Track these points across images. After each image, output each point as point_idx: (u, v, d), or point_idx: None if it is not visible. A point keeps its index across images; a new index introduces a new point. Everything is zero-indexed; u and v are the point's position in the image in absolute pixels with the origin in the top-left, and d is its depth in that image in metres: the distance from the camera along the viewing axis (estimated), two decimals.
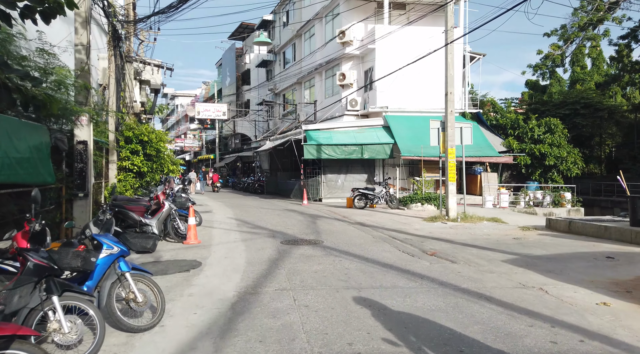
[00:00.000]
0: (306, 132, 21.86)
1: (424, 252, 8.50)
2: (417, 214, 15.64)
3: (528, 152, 21.26)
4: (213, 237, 10.63)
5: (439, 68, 23.12)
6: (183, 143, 60.85)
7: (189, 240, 9.67)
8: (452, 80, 13.09)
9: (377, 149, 21.32)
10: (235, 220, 14.31)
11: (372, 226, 12.38)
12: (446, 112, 13.24)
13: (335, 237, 10.38)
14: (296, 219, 14.19)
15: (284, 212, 16.51)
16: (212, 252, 8.61)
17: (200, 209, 17.99)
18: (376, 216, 15.16)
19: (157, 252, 8.75)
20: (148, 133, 12.75)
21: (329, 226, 12.36)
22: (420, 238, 10.29)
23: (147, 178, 13.01)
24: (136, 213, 9.63)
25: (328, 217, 14.87)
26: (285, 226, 12.40)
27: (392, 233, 11.13)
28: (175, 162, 14.39)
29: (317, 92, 28.36)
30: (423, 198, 17.35)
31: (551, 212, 18.60)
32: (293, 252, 8.47)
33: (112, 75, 12.19)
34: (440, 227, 12.11)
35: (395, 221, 13.63)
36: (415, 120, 22.60)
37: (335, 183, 22.51)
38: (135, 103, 15.07)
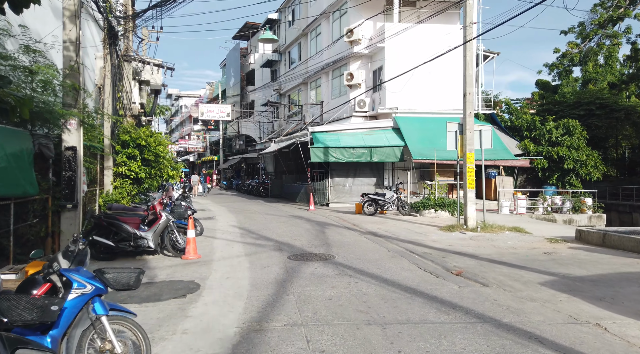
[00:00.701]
0: (312, 134, 21.02)
1: (448, 271, 7.62)
2: (431, 222, 14.75)
3: (545, 155, 20.31)
4: (214, 250, 9.80)
5: (451, 67, 22.27)
6: (187, 144, 60.18)
7: (188, 255, 8.84)
8: (470, 79, 12.21)
9: (386, 152, 20.45)
10: (238, 228, 13.48)
11: (385, 237, 11.51)
12: (464, 113, 12.36)
13: (347, 251, 9.53)
14: (303, 228, 13.34)
15: (290, 219, 15.68)
16: (212, 270, 7.78)
17: (202, 215, 17.20)
18: (388, 224, 14.29)
19: (152, 269, 7.93)
20: (146, 137, 11.95)
21: (339, 237, 11.50)
22: (440, 252, 9.41)
23: (145, 184, 12.21)
24: (130, 224, 8.82)
25: (337, 225, 14.02)
26: (292, 237, 11.56)
27: (408, 245, 10.25)
28: (176, 167, 13.59)
29: (324, 92, 27.52)
30: (436, 204, 16.46)
31: (571, 219, 17.67)
32: (302, 271, 7.62)
33: (107, 75, 11.40)
34: (459, 238, 11.22)
35: (410, 230, 12.75)
36: (427, 121, 21.72)
37: (343, 187, 21.66)
38: (134, 104, 14.28)
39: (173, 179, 13.06)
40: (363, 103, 23.12)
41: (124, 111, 13.10)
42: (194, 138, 60.19)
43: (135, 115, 14.20)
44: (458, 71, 22.41)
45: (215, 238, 11.53)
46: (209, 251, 9.68)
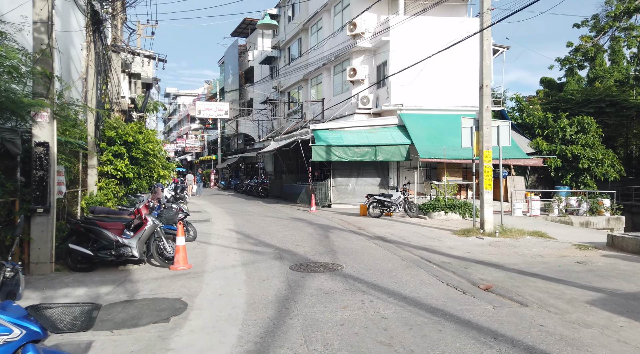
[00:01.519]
0: (314, 132, 20.02)
1: (475, 285, 6.62)
2: (442, 225, 13.76)
3: (559, 154, 19.32)
4: (207, 258, 8.79)
5: (459, 62, 21.29)
6: (184, 143, 59.13)
7: (177, 265, 7.83)
8: (487, 70, 11.22)
9: (392, 150, 19.46)
10: (235, 232, 12.47)
11: (395, 243, 10.51)
12: (481, 107, 11.36)
13: (356, 259, 8.52)
14: (305, 232, 12.34)
15: (291, 222, 14.67)
16: (203, 284, 6.76)
17: (198, 217, 16.19)
18: (396, 227, 13.29)
19: (134, 283, 6.92)
20: (134, 133, 10.93)
21: (345, 243, 10.50)
22: (460, 260, 8.41)
23: (134, 185, 11.20)
24: (111, 230, 7.81)
25: (341, 229, 13.02)
26: (293, 242, 10.55)
27: (422, 252, 9.25)
28: (168, 166, 12.58)
29: (325, 89, 26.51)
30: (446, 206, 15.46)
31: (588, 221, 16.69)
32: (307, 285, 6.62)
33: (91, 65, 10.38)
34: (477, 244, 10.22)
35: (421, 235, 11.75)
36: (434, 118, 20.74)
37: (346, 188, 20.66)
38: (123, 99, 13.27)
39: (164, 179, 12.05)
40: (366, 99, 22.13)
41: (111, 105, 12.09)
42: (192, 137, 59.15)
43: (125, 110, 13.18)
44: (466, 66, 21.55)
45: (209, 244, 10.52)
46: (202, 259, 8.67)
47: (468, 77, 21.32)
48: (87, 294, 6.28)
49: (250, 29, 43.09)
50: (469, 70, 21.35)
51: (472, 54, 21.43)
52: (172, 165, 13.13)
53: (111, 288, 6.57)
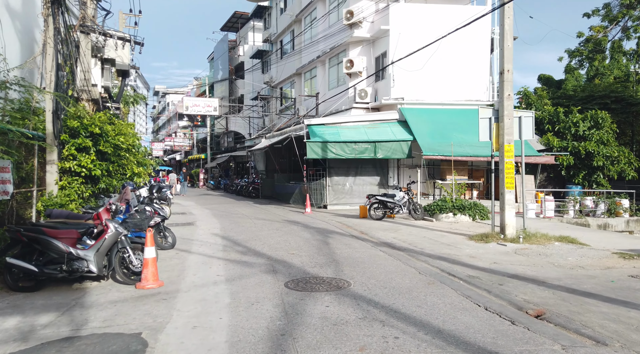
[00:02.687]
0: (309, 127, 18.55)
1: (521, 310, 5.21)
2: (452, 228, 12.37)
3: (571, 151, 18.05)
4: (185, 272, 7.28)
5: (462, 54, 19.96)
6: (173, 142, 57.30)
7: (145, 282, 6.31)
8: (510, 53, 9.82)
9: (392, 147, 18.06)
10: (221, 238, 10.96)
11: (406, 250, 9.08)
12: (501, 96, 9.97)
13: (365, 272, 7.08)
14: (301, 237, 10.87)
15: (285, 225, 13.19)
16: (174, 310, 5.27)
17: (181, 220, 14.65)
18: (402, 231, 11.87)
19: (87, 308, 5.41)
20: (101, 124, 9.37)
21: (348, 250, 9.05)
22: (489, 274, 7.00)
23: (102, 184, 9.63)
24: (63, 240, 6.28)
25: (342, 233, 11.57)
26: (288, 250, 9.08)
27: (441, 263, 7.83)
28: (144, 162, 11.03)
29: (320, 83, 25.05)
30: (455, 207, 14.08)
31: (606, 223, 15.43)
32: (308, 311, 5.16)
33: (49, 42, 8.80)
34: (502, 252, 8.83)
35: (433, 240, 10.34)
36: (437, 113, 19.39)
37: (343, 188, 19.22)
38: (94, 87, 11.69)
39: (140, 177, 10.49)
40: (364, 93, 20.71)
41: (78, 92, 10.52)
42: (180, 135, 57.32)
43: (96, 99, 11.61)
44: (470, 58, 20.20)
45: (190, 253, 9.01)
46: (178, 274, 7.16)
47: (472, 69, 20.02)
48: (18, 327, 4.76)
49: (240, 23, 41.51)
50: (474, 63, 20.05)
51: (477, 46, 20.18)
52: (150, 162, 11.57)
53: (53, 317, 5.05)
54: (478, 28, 19.70)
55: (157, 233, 9.40)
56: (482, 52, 20.29)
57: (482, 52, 20.31)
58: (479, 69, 20.24)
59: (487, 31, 20.28)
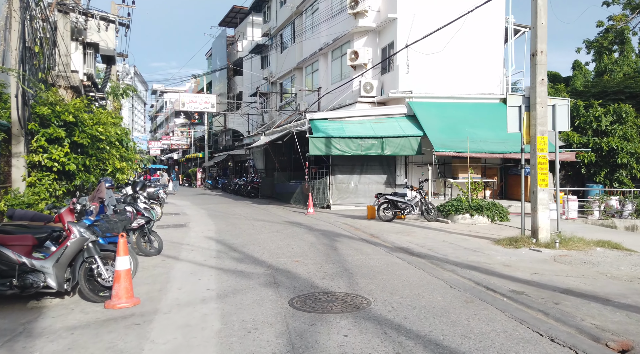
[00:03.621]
0: (311, 122, 17.36)
1: (598, 341, 4.01)
2: (471, 231, 11.18)
3: (592, 147, 16.86)
4: (169, 285, 6.07)
5: (474, 44, 18.77)
6: (170, 141, 56.04)
7: (116, 300, 5.10)
8: (544, 31, 8.62)
9: (401, 143, 16.85)
10: (216, 241, 9.75)
11: (427, 257, 7.88)
12: (533, 81, 8.78)
13: (385, 286, 5.88)
14: (306, 241, 9.66)
15: (286, 227, 11.98)
16: (147, 341, 4.06)
17: (173, 221, 13.44)
18: (417, 234, 10.67)
19: (35, 338, 4.19)
20: (75, 111, 8.16)
21: (360, 257, 7.85)
22: (535, 289, 5.79)
23: (78, 180, 8.42)
24: (15, 248, 5.08)
25: (350, 236, 10.36)
26: (292, 257, 7.88)
27: (472, 273, 6.63)
28: (129, 157, 9.83)
29: (322, 77, 23.84)
30: (472, 208, 12.88)
31: (635, 225, 14.22)
32: (321, 344, 3.95)
33: (15, 16, 7.59)
34: (538, 260, 7.62)
35: (454, 245, 9.14)
36: (447, 107, 18.20)
37: (347, 186, 18.02)
38: (75, 73, 10.47)
39: (123, 174, 9.28)
40: (370, 86, 19.49)
41: (53, 78, 9.31)
42: (178, 134, 56.08)
43: (75, 86, 10.39)
44: (483, 50, 18.94)
45: (177, 260, 7.80)
46: (160, 287, 5.95)
47: (485, 61, 18.82)
48: None
49: (239, 17, 40.29)
50: (486, 54, 18.84)
51: (490, 36, 18.96)
52: (135, 156, 10.34)
53: None
54: (491, 17, 18.55)
55: (140, 237, 8.20)
56: (495, 42, 19.09)
57: (495, 42, 19.10)
58: (492, 61, 19.05)
59: (501, 20, 19.08)
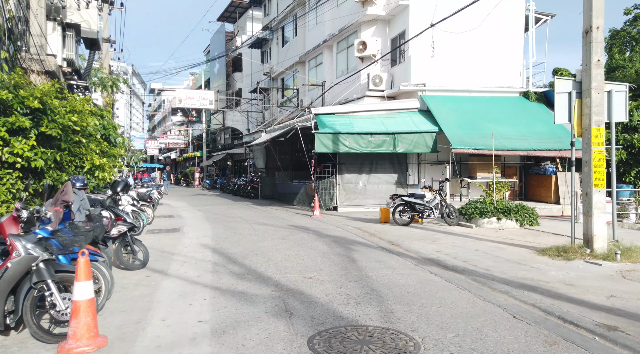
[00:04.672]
0: (317, 117, 16.02)
1: None
2: (502, 237, 9.84)
3: (623, 144, 15.56)
4: (150, 313, 4.72)
5: (491, 34, 17.44)
6: (167, 140, 54.62)
7: (73, 342, 3.73)
8: (599, 5, 7.28)
9: (414, 140, 15.50)
10: (212, 251, 8.40)
11: (466, 272, 6.54)
12: (587, 63, 7.44)
13: (429, 317, 4.53)
14: (316, 250, 8.32)
15: (292, 232, 10.63)
16: None
17: (166, 225, 12.08)
18: (443, 241, 9.33)
19: None
20: (43, 96, 6.80)
21: (386, 272, 6.50)
22: (628, 320, 4.45)
23: (48, 179, 7.06)
24: None
25: (366, 243, 9.02)
26: (303, 272, 6.53)
27: (531, 296, 5.29)
28: (111, 152, 8.46)
29: (326, 71, 22.48)
30: (499, 211, 11.55)
31: None
32: None
33: None
34: (603, 276, 6.27)
35: (491, 255, 7.80)
36: (464, 101, 16.88)
37: (355, 187, 16.67)
38: (51, 57, 9.10)
39: (103, 171, 7.92)
40: (379, 79, 18.17)
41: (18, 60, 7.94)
42: (175, 132, 54.65)
43: (51, 71, 9.02)
44: (500, 39, 17.51)
45: (166, 276, 6.45)
46: (138, 318, 4.59)
47: (503, 52, 17.49)
48: None
49: (238, 12, 38.93)
50: (505, 45, 17.51)
51: (509, 25, 17.57)
52: (118, 152, 8.97)
53: None
54: (510, 3, 17.23)
55: (121, 247, 6.85)
56: (514, 32, 17.77)
57: (515, 32, 17.78)
58: (511, 52, 17.73)
59: (521, 7, 17.76)
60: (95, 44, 10.89)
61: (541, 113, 16.72)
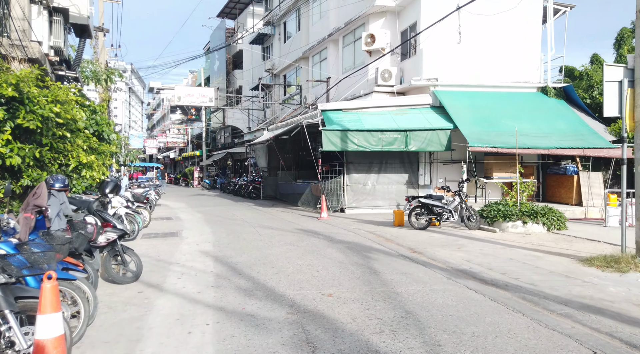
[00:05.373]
0: (323, 113, 15.11)
1: None
2: (533, 243, 8.94)
3: None
4: (139, 346, 3.80)
5: (507, 26, 16.55)
6: (166, 139, 53.65)
7: None
8: None
9: (428, 137, 14.59)
10: (214, 259, 7.48)
11: (510, 288, 5.63)
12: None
13: (489, 351, 3.63)
14: (331, 258, 7.40)
15: (301, 237, 9.71)
16: None
17: (163, 228, 11.15)
18: (469, 248, 8.42)
19: None
20: (18, 82, 5.88)
21: (417, 288, 5.59)
22: None
23: (26, 179, 6.14)
24: None
25: (385, 251, 8.10)
26: (320, 287, 5.61)
27: (601, 320, 4.38)
28: (100, 149, 7.54)
29: (331, 66, 21.56)
30: (524, 214, 10.64)
31: None
32: None
33: None
34: None
35: (531, 266, 6.89)
36: (478, 97, 15.96)
37: (364, 187, 15.76)
38: (35, 43, 8.18)
39: (91, 170, 7.00)
40: (388, 74, 17.26)
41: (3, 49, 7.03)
42: (174, 131, 53.68)
43: (35, 58, 8.11)
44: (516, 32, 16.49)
45: (161, 291, 5.53)
46: (123, 353, 3.68)
47: (519, 45, 16.57)
48: None
49: (239, 8, 38.01)
50: (521, 38, 16.60)
51: (525, 17, 16.66)
52: (108, 148, 8.04)
53: None
54: None
55: (110, 257, 5.94)
56: (531, 24, 16.85)
57: (532, 24, 16.87)
58: (528, 45, 16.82)
59: None
60: (86, 31, 9.94)
61: (561, 109, 15.83)
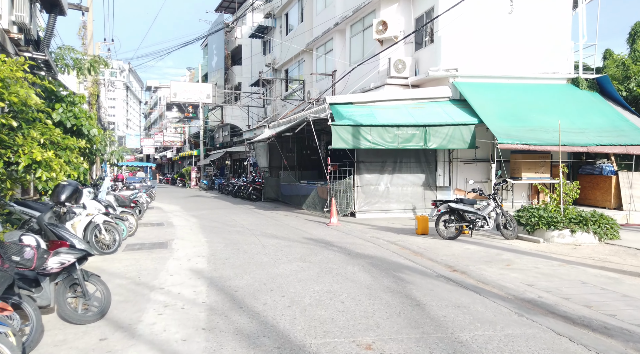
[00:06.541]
0: (332, 107, 13.57)
1: None
2: (589, 256, 7.41)
3: None
4: None
5: (533, 13, 15.00)
6: (162, 137, 52.04)
7: None
8: None
9: (449, 133, 13.05)
10: (207, 283, 5.92)
11: (614, 333, 4.10)
12: None
13: None
14: (356, 282, 5.85)
15: (312, 250, 8.16)
16: None
17: (151, 236, 9.56)
18: (520, 265, 6.88)
19: None
20: None
21: (486, 335, 4.05)
22: None
23: None
24: None
25: (417, 269, 6.55)
26: (350, 330, 4.06)
27: None
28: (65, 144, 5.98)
29: (337, 58, 20.01)
30: (571, 220, 9.11)
31: None
32: None
33: None
34: None
35: (613, 293, 5.36)
36: (504, 89, 14.45)
37: (376, 189, 14.24)
38: None
39: (52, 171, 5.46)
40: (402, 65, 15.72)
41: None
42: (171, 130, 52.06)
43: None
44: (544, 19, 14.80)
45: (132, 339, 3.96)
46: None
47: (547, 34, 15.04)
48: None
49: (238, 1, 36.44)
50: (549, 25, 15.05)
51: (554, 2, 15.23)
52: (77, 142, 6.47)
53: None
54: None
55: (66, 287, 4.38)
56: (560, 10, 15.33)
57: (561, 10, 15.34)
58: (557, 33, 15.28)
59: None
60: (57, 6, 8.38)
61: (595, 102, 14.31)
